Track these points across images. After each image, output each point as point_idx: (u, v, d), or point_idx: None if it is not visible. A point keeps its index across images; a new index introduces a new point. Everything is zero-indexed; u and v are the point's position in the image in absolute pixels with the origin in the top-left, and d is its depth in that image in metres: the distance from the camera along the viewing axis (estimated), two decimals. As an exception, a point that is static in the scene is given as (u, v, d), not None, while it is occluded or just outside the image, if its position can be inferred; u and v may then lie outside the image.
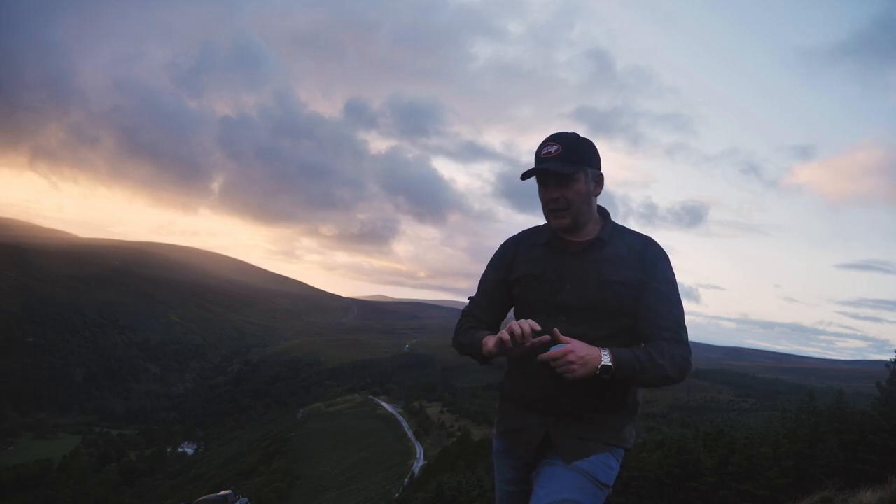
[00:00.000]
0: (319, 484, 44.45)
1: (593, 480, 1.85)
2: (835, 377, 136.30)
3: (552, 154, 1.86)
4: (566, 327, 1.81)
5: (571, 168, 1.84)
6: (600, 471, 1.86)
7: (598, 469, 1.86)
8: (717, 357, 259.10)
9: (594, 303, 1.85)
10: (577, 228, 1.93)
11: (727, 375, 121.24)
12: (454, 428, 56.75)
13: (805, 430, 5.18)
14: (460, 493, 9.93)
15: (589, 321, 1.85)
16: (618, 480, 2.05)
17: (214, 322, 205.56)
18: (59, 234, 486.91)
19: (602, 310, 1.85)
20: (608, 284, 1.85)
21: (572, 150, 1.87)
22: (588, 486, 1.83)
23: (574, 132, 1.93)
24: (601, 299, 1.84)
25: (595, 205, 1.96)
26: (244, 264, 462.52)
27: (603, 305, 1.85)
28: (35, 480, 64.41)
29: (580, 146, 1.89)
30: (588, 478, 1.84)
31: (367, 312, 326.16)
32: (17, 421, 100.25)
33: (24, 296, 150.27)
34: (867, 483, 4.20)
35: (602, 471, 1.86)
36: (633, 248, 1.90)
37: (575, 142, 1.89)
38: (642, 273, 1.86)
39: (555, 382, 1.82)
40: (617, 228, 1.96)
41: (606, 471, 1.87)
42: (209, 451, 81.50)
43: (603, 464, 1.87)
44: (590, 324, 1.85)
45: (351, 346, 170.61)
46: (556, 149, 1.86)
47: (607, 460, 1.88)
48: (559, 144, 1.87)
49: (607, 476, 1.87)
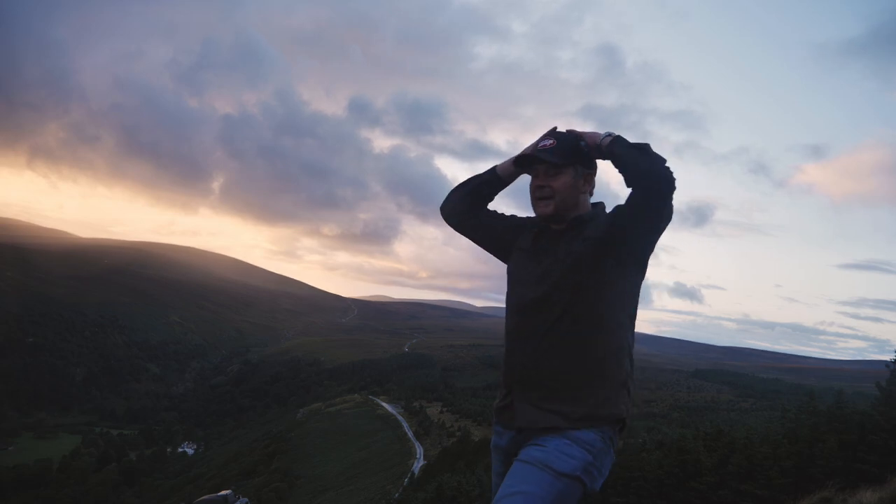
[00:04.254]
0: (319, 484, 44.44)
1: (547, 469, 1.79)
2: (835, 377, 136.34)
3: (547, 147, 1.97)
4: (532, 293, 1.94)
5: (560, 161, 1.94)
6: (556, 459, 1.80)
7: (553, 457, 1.80)
8: (717, 357, 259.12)
9: (560, 273, 1.92)
10: (561, 219, 2.01)
11: (727, 375, 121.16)
12: (454, 428, 56.72)
13: (805, 430, 5.19)
14: (460, 493, 9.93)
15: (551, 290, 1.91)
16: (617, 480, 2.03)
17: (214, 322, 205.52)
18: (59, 234, 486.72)
19: (564, 278, 1.90)
20: (573, 253, 1.91)
21: (566, 147, 1.97)
22: (542, 476, 1.78)
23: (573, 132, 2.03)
24: (563, 269, 1.91)
25: (584, 200, 2.04)
26: (245, 264, 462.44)
27: (565, 275, 1.90)
28: (35, 480, 64.42)
29: (573, 144, 1.98)
30: (541, 467, 1.79)
31: (368, 312, 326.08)
32: (17, 421, 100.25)
33: (24, 296, 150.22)
34: (867, 483, 4.20)
35: (558, 459, 1.80)
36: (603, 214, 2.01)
37: (570, 140, 1.98)
38: (604, 226, 1.93)
39: (524, 346, 1.91)
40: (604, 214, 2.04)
41: (564, 459, 1.80)
42: (209, 451, 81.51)
43: (560, 451, 1.81)
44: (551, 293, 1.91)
45: (351, 346, 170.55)
46: (550, 143, 1.97)
47: (566, 447, 1.82)
48: (555, 140, 1.98)
49: (566, 464, 1.80)
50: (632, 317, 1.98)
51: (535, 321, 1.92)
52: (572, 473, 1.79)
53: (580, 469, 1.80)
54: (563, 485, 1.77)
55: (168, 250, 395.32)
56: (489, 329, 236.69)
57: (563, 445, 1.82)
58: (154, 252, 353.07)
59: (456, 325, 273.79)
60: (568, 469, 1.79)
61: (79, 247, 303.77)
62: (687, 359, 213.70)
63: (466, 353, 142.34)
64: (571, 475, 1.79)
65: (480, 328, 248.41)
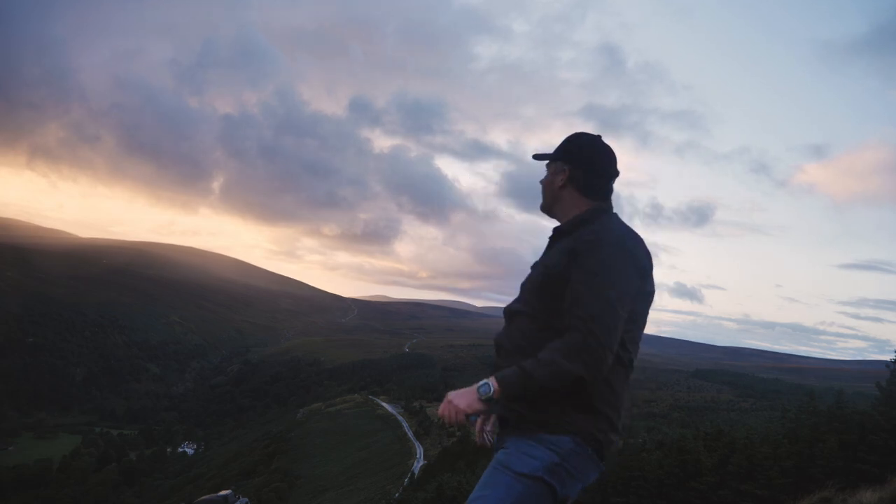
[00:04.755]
0: (319, 484, 44.46)
1: (506, 470, 1.75)
2: (835, 377, 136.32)
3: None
4: (512, 304, 1.98)
5: (543, 157, 2.01)
6: (515, 459, 1.75)
7: (513, 458, 1.76)
8: (717, 357, 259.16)
9: (530, 285, 1.93)
10: (549, 214, 2.05)
11: (727, 375, 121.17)
12: (454, 428, 56.73)
13: (805, 430, 5.19)
14: (460, 493, 9.94)
15: (524, 300, 1.93)
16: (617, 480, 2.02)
17: (214, 322, 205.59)
18: (59, 234, 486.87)
19: (532, 291, 1.91)
20: (540, 268, 1.91)
21: (560, 145, 2.01)
22: (500, 477, 1.74)
23: (581, 132, 2.03)
24: (532, 282, 1.92)
25: (569, 197, 1.97)
26: (245, 264, 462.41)
27: (532, 287, 1.91)
28: (35, 480, 64.48)
29: (566, 143, 2.00)
30: (500, 468, 1.76)
31: (368, 312, 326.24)
32: (17, 421, 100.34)
33: (24, 296, 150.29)
34: (867, 483, 4.20)
35: (517, 459, 1.75)
36: (577, 238, 1.85)
37: (567, 139, 2.01)
38: (567, 259, 1.80)
39: (497, 354, 1.97)
40: (593, 222, 1.89)
41: (524, 459, 1.74)
42: (209, 451, 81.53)
43: (520, 451, 1.76)
44: (523, 303, 1.93)
45: (351, 346, 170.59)
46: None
47: (527, 448, 1.75)
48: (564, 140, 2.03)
49: (525, 465, 1.73)
50: None
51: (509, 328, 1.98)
52: (532, 474, 1.71)
53: (542, 469, 1.72)
54: (522, 486, 1.71)
55: (168, 250, 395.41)
56: (489, 329, 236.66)
57: (524, 446, 1.76)
58: (154, 252, 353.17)
59: (456, 325, 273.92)
60: (527, 470, 1.72)
61: (79, 247, 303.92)
62: (687, 359, 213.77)
63: (466, 353, 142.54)
64: (532, 476, 1.71)
65: (481, 328, 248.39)
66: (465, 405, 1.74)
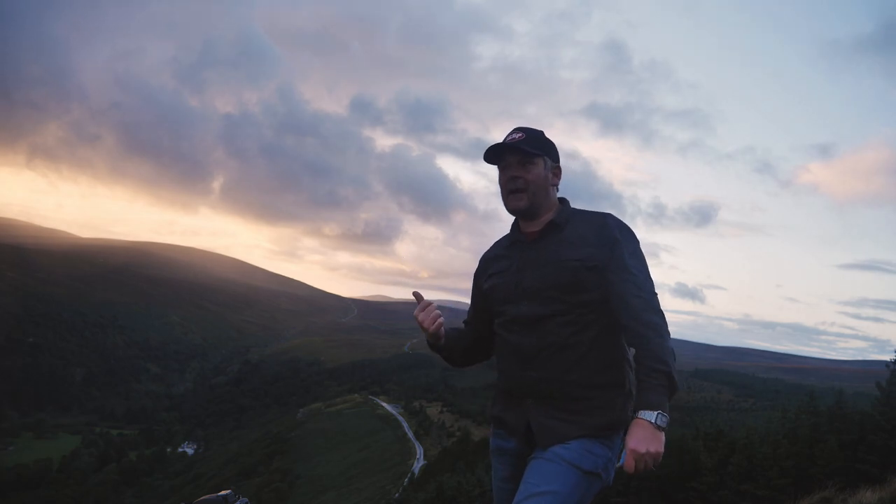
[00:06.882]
0: (319, 484, 44.46)
1: (575, 468, 1.78)
2: (835, 377, 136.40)
3: (516, 139, 1.97)
4: (528, 309, 1.90)
5: (533, 150, 1.95)
6: (582, 458, 1.80)
7: (580, 456, 1.80)
8: (718, 357, 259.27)
9: (553, 283, 1.89)
10: (533, 214, 2.00)
11: (727, 375, 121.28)
12: (454, 428, 56.72)
13: (805, 431, 5.19)
14: (460, 493, 9.94)
15: (550, 302, 1.89)
16: (617, 480, 2.03)
17: (214, 322, 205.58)
18: (59, 234, 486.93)
19: (562, 289, 1.88)
20: (565, 263, 1.88)
21: (535, 140, 1.98)
22: (569, 475, 1.77)
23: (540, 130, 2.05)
24: (558, 280, 1.88)
25: (553, 195, 2.04)
26: (245, 264, 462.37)
27: (561, 285, 1.88)
28: (35, 480, 64.50)
29: (541, 138, 2.01)
30: (568, 466, 1.78)
31: (368, 312, 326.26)
32: (17, 421, 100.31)
33: (24, 296, 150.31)
34: (867, 483, 4.20)
35: (584, 457, 1.80)
36: (593, 226, 1.94)
37: (537, 134, 2.01)
38: (601, 250, 1.87)
39: (528, 363, 1.89)
40: (575, 212, 2.02)
41: (589, 457, 1.80)
42: (209, 451, 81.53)
43: (585, 450, 1.81)
44: (550, 304, 1.89)
45: (351, 346, 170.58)
46: (520, 136, 1.98)
47: (590, 446, 1.82)
48: (524, 133, 1.99)
49: (591, 462, 1.80)
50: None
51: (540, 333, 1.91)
52: (595, 471, 1.80)
53: (601, 466, 1.82)
54: (587, 482, 1.79)
55: (168, 250, 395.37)
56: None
57: (587, 444, 1.82)
58: (154, 252, 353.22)
59: (457, 325, 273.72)
60: (592, 467, 1.79)
61: (79, 247, 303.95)
62: (687, 359, 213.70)
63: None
64: (594, 472, 1.80)
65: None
66: (660, 445, 1.70)
